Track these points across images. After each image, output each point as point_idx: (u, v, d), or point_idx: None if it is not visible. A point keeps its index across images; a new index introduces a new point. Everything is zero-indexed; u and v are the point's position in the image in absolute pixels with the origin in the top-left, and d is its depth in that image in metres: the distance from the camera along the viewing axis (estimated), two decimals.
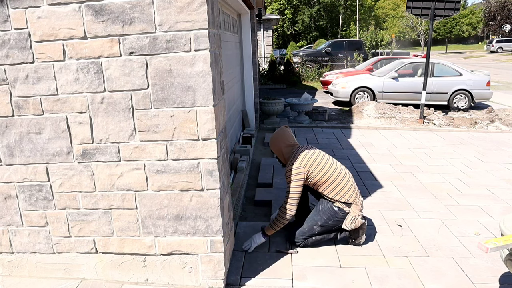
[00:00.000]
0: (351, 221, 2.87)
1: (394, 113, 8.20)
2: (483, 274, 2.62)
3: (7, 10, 2.08)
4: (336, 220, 2.91)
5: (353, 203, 2.90)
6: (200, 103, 2.12)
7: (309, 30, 50.97)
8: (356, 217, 2.88)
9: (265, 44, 20.84)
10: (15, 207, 2.44)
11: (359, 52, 17.41)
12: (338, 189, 2.87)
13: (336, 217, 2.91)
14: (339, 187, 2.87)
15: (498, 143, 6.11)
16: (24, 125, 2.26)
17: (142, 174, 2.27)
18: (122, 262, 2.49)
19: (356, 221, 2.88)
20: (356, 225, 2.89)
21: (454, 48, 50.62)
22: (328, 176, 2.85)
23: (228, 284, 2.53)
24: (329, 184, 2.86)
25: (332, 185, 2.86)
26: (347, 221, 2.88)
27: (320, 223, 2.92)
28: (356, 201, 2.91)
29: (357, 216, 2.89)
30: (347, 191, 2.88)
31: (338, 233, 3.01)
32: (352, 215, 2.88)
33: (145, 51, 2.07)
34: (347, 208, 2.90)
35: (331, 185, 2.86)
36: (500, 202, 3.82)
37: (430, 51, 7.54)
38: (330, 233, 2.99)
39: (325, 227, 2.93)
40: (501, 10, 44.66)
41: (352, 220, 2.87)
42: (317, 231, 2.94)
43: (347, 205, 2.90)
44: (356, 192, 2.93)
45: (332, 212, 2.91)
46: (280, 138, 2.98)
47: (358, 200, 2.92)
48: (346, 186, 2.88)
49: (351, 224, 2.88)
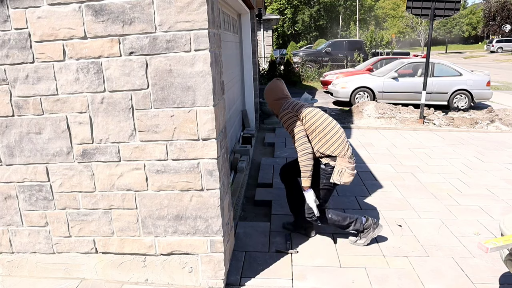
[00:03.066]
0: (337, 174, 2.79)
1: (394, 113, 8.20)
2: (483, 274, 2.62)
3: (7, 10, 2.08)
4: (327, 176, 2.86)
5: (339, 156, 2.80)
6: (200, 103, 2.12)
7: (309, 30, 50.98)
8: (342, 170, 2.78)
9: (265, 44, 20.84)
10: (15, 207, 2.44)
11: (359, 52, 17.41)
12: (324, 140, 2.79)
13: (325, 174, 2.85)
14: (325, 138, 2.79)
15: (498, 143, 6.11)
16: (24, 125, 2.26)
17: (142, 174, 2.27)
18: (122, 262, 2.49)
19: (343, 174, 2.79)
20: (345, 180, 2.80)
21: (454, 48, 50.61)
22: (316, 126, 2.79)
23: (228, 284, 2.53)
24: (316, 135, 2.79)
25: (318, 135, 2.79)
26: (334, 175, 2.81)
27: (319, 186, 2.89)
28: (342, 154, 2.80)
29: (344, 168, 2.79)
30: (333, 143, 2.79)
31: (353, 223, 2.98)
32: (338, 168, 2.79)
33: (145, 51, 2.07)
34: (333, 162, 2.83)
35: (317, 136, 2.79)
36: (500, 202, 3.82)
37: (430, 51, 7.54)
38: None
39: (325, 191, 2.90)
40: (501, 10, 44.67)
41: (338, 173, 2.79)
42: (321, 199, 2.91)
43: (332, 159, 2.83)
44: (343, 145, 2.82)
45: (321, 170, 2.86)
46: (273, 90, 2.96)
47: (344, 153, 2.80)
48: (333, 138, 2.80)
49: (338, 177, 2.79)
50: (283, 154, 5.46)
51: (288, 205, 3.28)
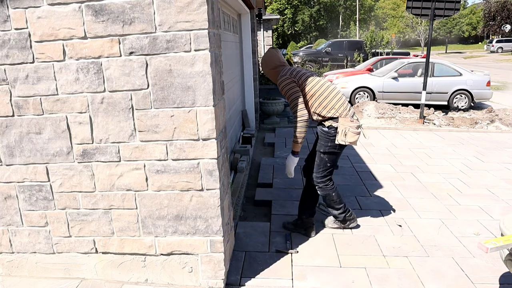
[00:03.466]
0: (342, 134, 2.84)
1: (394, 113, 8.21)
2: (483, 274, 2.62)
3: (7, 10, 2.08)
4: (332, 139, 2.90)
5: (341, 117, 2.86)
6: (200, 103, 2.12)
7: (309, 30, 50.98)
8: (346, 129, 2.83)
9: (265, 44, 20.82)
10: (15, 207, 2.44)
11: (359, 52, 17.41)
12: (325, 103, 2.85)
13: (330, 137, 2.89)
14: (326, 101, 2.85)
15: (498, 143, 6.11)
16: (24, 125, 2.26)
17: (142, 174, 2.27)
18: (122, 262, 2.49)
19: (348, 134, 2.83)
20: (350, 139, 2.84)
21: (454, 48, 50.62)
22: (315, 90, 2.85)
23: (228, 284, 2.53)
24: (316, 99, 2.85)
25: (319, 99, 2.85)
26: (338, 135, 2.85)
27: (322, 150, 2.95)
28: (344, 114, 2.86)
29: (347, 128, 2.83)
30: (334, 104, 2.86)
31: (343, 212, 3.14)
32: (342, 128, 2.84)
33: (145, 51, 2.07)
34: (336, 123, 2.87)
35: (318, 99, 2.85)
36: (500, 202, 3.82)
37: (430, 51, 7.54)
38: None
39: (331, 154, 2.95)
40: (501, 10, 44.67)
41: (342, 133, 2.84)
42: (328, 163, 2.97)
43: (335, 120, 2.87)
44: (344, 106, 2.89)
45: (325, 133, 2.91)
46: (269, 59, 3.02)
47: (346, 113, 2.87)
48: (333, 100, 2.86)
49: (343, 137, 2.84)
50: (283, 154, 5.46)
51: (300, 200, 3.24)
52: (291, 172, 3.07)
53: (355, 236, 3.16)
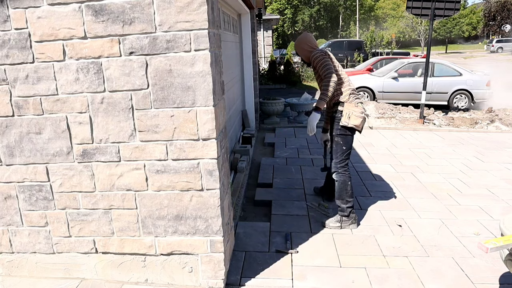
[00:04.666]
0: (346, 117, 3.12)
1: (394, 113, 8.21)
2: (483, 274, 2.62)
3: (7, 10, 2.08)
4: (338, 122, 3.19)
5: (346, 102, 3.15)
6: (200, 103, 2.12)
7: (309, 30, 50.96)
8: (350, 113, 3.11)
9: (265, 44, 20.85)
10: (15, 207, 2.44)
11: (359, 52, 17.42)
12: (341, 85, 3.16)
13: (337, 120, 3.19)
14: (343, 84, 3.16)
15: (498, 143, 6.11)
16: (24, 125, 2.26)
17: (142, 174, 2.27)
18: (122, 262, 2.49)
19: (351, 117, 3.11)
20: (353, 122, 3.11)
21: (454, 48, 50.57)
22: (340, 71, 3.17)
23: (228, 284, 2.53)
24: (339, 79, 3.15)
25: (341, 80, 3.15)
26: (343, 118, 3.14)
27: (334, 133, 3.24)
28: (350, 100, 3.16)
29: (351, 111, 3.11)
30: (344, 91, 3.16)
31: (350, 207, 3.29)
32: (346, 111, 3.13)
33: (145, 51, 2.07)
34: (341, 108, 3.16)
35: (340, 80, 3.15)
36: (500, 202, 3.82)
37: (430, 51, 7.53)
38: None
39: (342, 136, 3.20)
40: (501, 10, 44.66)
41: (347, 115, 3.12)
42: (344, 146, 3.22)
43: (341, 105, 3.17)
44: (350, 94, 3.17)
45: (335, 118, 3.21)
46: (304, 40, 3.31)
47: (352, 100, 3.16)
48: (346, 86, 3.17)
49: (347, 119, 3.11)
50: (283, 154, 5.46)
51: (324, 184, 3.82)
52: (314, 128, 3.17)
53: (355, 236, 3.16)
